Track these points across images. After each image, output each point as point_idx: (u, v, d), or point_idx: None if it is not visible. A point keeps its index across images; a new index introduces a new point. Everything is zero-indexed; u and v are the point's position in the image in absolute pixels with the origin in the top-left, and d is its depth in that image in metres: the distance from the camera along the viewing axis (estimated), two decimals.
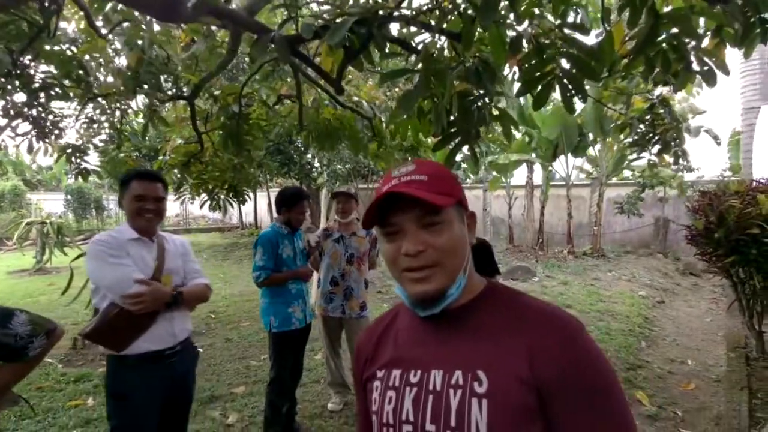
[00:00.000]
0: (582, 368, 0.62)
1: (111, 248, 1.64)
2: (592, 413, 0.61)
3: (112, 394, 1.67)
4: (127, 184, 1.72)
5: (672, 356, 4.30)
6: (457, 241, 0.70)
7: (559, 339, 0.64)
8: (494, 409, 0.62)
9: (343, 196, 2.99)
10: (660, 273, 8.15)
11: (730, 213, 3.02)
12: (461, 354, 0.68)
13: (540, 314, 0.68)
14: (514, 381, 0.62)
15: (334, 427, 2.81)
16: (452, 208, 0.71)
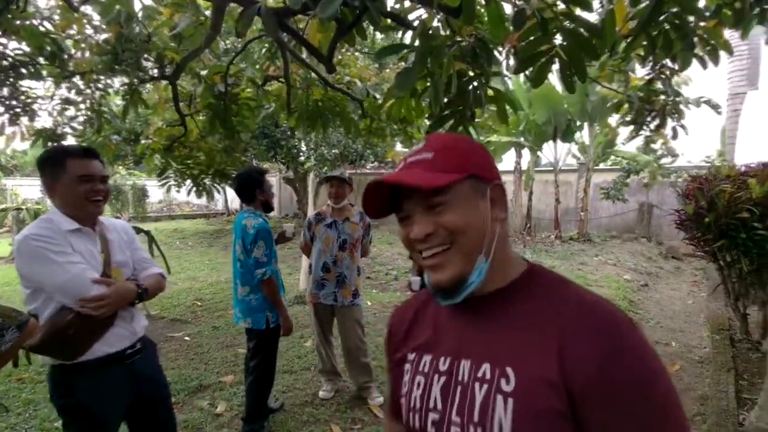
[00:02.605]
0: (623, 376, 0.54)
1: (54, 243, 1.38)
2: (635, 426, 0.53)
3: (64, 408, 1.45)
4: (60, 164, 1.43)
5: (656, 338, 4.38)
6: (469, 218, 0.62)
7: (596, 338, 0.56)
8: (520, 410, 0.57)
9: (336, 181, 2.89)
10: (644, 257, 8.30)
11: (720, 197, 3.04)
12: (491, 346, 0.63)
13: (578, 308, 0.60)
14: (542, 383, 0.56)
15: (325, 415, 2.78)
16: (464, 183, 0.63)
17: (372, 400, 2.89)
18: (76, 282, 1.37)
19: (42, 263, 1.36)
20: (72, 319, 1.36)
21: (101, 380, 1.44)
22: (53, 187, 1.45)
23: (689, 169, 8.67)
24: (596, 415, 0.54)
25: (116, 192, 16.69)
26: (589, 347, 0.55)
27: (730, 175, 3.21)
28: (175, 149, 5.14)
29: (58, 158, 1.45)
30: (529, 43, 1.91)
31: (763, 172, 2.98)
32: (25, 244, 1.37)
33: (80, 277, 1.38)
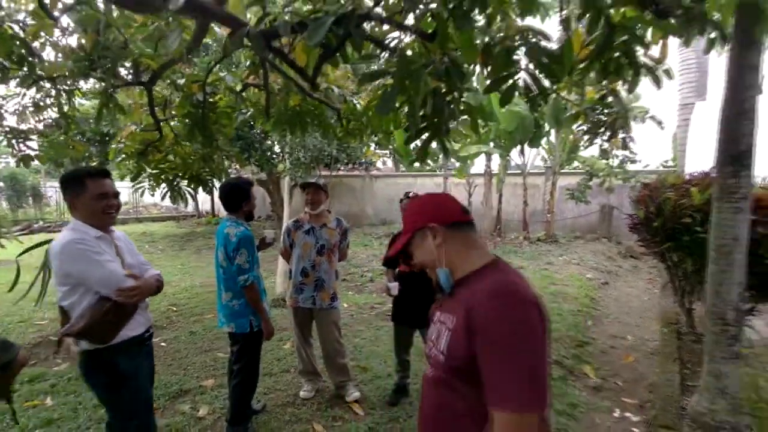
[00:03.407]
0: (493, 323, 0.90)
1: (91, 245, 1.69)
2: (489, 353, 0.90)
3: (109, 384, 1.76)
4: (81, 183, 1.74)
5: (614, 332, 4.73)
6: (422, 254, 1.12)
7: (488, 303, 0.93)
8: (450, 337, 1.00)
9: (312, 188, 3.00)
10: (605, 256, 8.80)
11: (666, 204, 3.36)
12: (452, 306, 1.04)
13: (487, 284, 0.98)
14: (460, 325, 0.97)
15: (307, 414, 2.89)
16: (413, 238, 1.12)
17: (349, 397, 3.02)
18: (114, 275, 1.69)
19: (86, 262, 1.66)
20: (110, 306, 1.66)
21: (135, 357, 1.81)
22: (75, 202, 1.76)
23: (647, 174, 9.25)
24: (479, 343, 0.92)
25: None
26: (481, 307, 0.94)
27: (674, 184, 3.55)
28: (149, 153, 5.09)
29: (79, 178, 1.75)
30: (496, 68, 2.11)
31: (703, 181, 3.33)
32: (70, 247, 1.66)
33: (116, 271, 1.71)
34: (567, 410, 3.01)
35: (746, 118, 2.14)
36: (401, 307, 3.01)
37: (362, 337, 4.34)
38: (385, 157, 16.66)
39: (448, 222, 1.08)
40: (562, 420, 2.89)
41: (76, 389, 3.20)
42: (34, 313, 5.14)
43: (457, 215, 1.10)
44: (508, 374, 0.87)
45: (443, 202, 1.14)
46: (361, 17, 1.87)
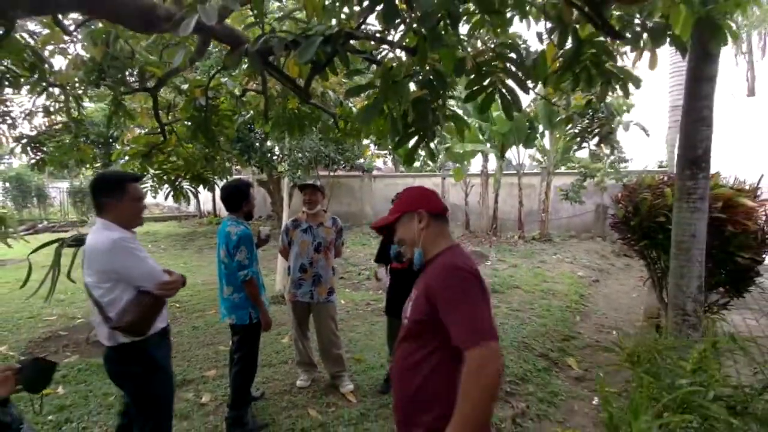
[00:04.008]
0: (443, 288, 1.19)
1: (134, 243, 1.84)
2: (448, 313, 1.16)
3: (142, 376, 1.86)
4: (123, 187, 1.85)
5: (600, 328, 4.92)
6: (405, 233, 1.38)
7: (438, 274, 1.23)
8: (411, 305, 1.31)
9: (309, 188, 3.21)
10: (598, 255, 8.98)
11: (643, 204, 3.55)
12: (418, 283, 1.33)
13: (439, 265, 1.27)
14: (420, 296, 1.26)
15: (302, 401, 3.09)
16: (401, 217, 1.38)
17: (343, 388, 3.22)
18: (155, 271, 1.84)
19: (133, 259, 1.79)
20: (152, 300, 1.80)
21: (163, 347, 1.97)
22: (115, 205, 1.85)
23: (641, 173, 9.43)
24: (440, 307, 1.18)
25: (81, 195, 16.28)
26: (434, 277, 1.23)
27: (651, 185, 3.74)
28: (154, 155, 5.29)
29: (122, 183, 1.87)
30: (471, 82, 2.30)
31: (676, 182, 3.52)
32: (118, 245, 1.77)
33: (157, 267, 1.86)
34: (548, 398, 3.21)
35: (703, 124, 2.33)
36: (394, 301, 3.19)
37: (357, 331, 4.54)
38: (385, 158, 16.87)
39: (433, 212, 1.35)
40: (543, 407, 3.09)
41: (86, 379, 3.41)
42: (42, 310, 5.35)
43: (440, 209, 1.38)
44: (463, 321, 1.13)
45: (432, 196, 1.41)
46: (348, 35, 2.06)
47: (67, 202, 16.37)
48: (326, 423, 2.77)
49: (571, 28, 2.36)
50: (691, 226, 2.34)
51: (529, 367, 3.65)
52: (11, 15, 1.54)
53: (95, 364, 3.62)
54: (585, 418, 3.00)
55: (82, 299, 5.60)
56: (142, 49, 3.70)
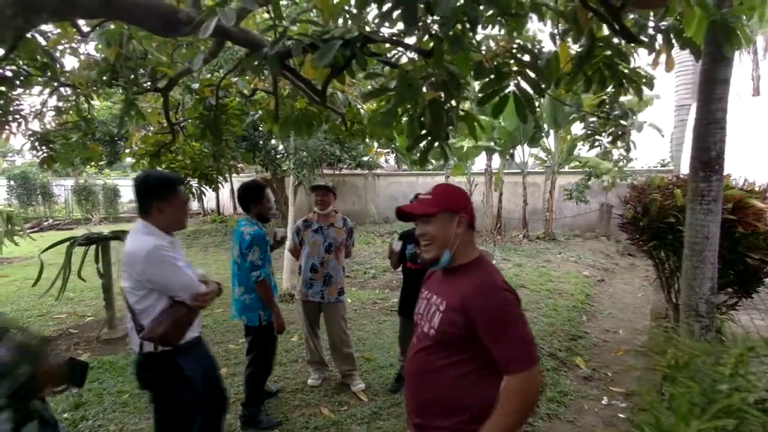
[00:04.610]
0: (488, 309, 1.18)
1: (172, 251, 1.78)
2: (493, 335, 1.17)
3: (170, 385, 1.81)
4: (174, 190, 1.83)
5: (607, 327, 4.94)
6: (439, 232, 1.28)
7: (479, 292, 1.20)
8: (441, 317, 1.25)
9: (321, 190, 3.23)
10: (602, 254, 8.99)
11: (652, 204, 3.57)
12: (444, 291, 1.30)
13: (478, 280, 1.24)
14: (453, 308, 1.23)
15: (315, 399, 3.12)
16: (441, 213, 1.28)
17: (354, 387, 3.24)
18: (192, 282, 1.80)
19: (170, 269, 1.74)
20: (185, 310, 1.76)
21: (195, 357, 1.88)
22: (164, 207, 1.80)
23: (644, 173, 9.43)
24: (479, 325, 1.17)
25: (86, 193, 16.34)
26: (475, 296, 1.20)
27: (660, 186, 3.76)
28: (162, 154, 5.32)
29: (173, 185, 1.85)
30: (486, 84, 2.32)
31: (686, 183, 3.52)
32: (155, 254, 1.71)
33: (192, 278, 1.81)
34: (557, 397, 3.23)
35: (717, 127, 2.34)
36: (407, 302, 3.20)
37: (366, 330, 4.57)
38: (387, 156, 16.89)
39: (471, 220, 1.33)
40: (553, 406, 3.11)
41: (99, 377, 3.45)
42: (52, 308, 5.39)
43: (474, 218, 1.37)
44: (510, 344, 1.15)
45: (471, 204, 1.39)
46: (366, 39, 2.08)
47: (71, 200, 16.43)
48: (339, 421, 2.80)
49: (586, 31, 2.37)
50: (704, 228, 2.35)
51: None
52: (36, 19, 1.55)
53: (108, 362, 3.66)
54: (595, 418, 3.02)
55: (92, 297, 5.65)
56: (153, 49, 3.73)
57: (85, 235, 4.39)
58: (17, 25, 1.50)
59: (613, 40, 2.48)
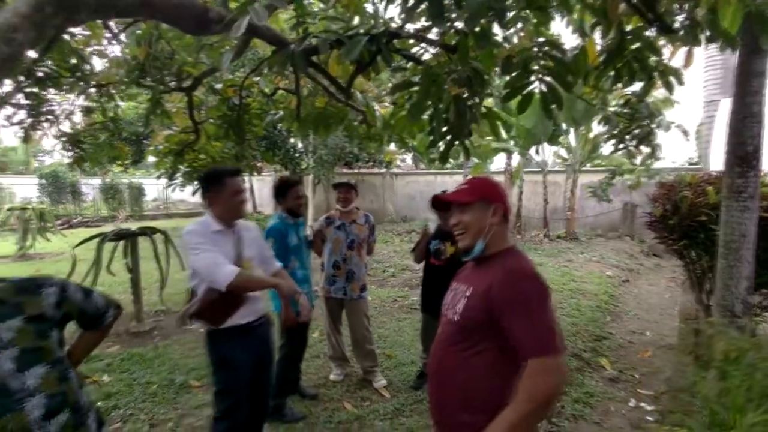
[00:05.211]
0: (514, 294, 1.16)
1: (201, 239, 1.88)
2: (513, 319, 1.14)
3: (216, 361, 2.00)
4: (221, 182, 1.95)
5: (633, 328, 4.83)
6: (474, 220, 1.30)
7: (506, 278, 1.19)
8: (466, 302, 1.26)
9: (344, 187, 3.26)
10: (626, 254, 8.77)
11: (683, 202, 3.46)
12: (473, 279, 1.30)
13: (508, 267, 1.23)
14: (478, 295, 1.23)
15: (337, 394, 3.14)
16: (476, 203, 1.31)
17: (376, 383, 3.26)
18: (215, 271, 1.83)
19: (192, 255, 1.88)
20: (216, 297, 1.85)
21: (234, 341, 1.98)
22: (215, 198, 1.96)
23: (671, 171, 9.16)
24: (501, 309, 1.16)
25: (113, 191, 16.85)
26: (501, 282, 1.19)
27: (691, 183, 3.64)
28: (186, 153, 5.45)
29: (220, 177, 1.97)
30: (513, 78, 2.29)
31: (719, 180, 3.41)
32: (185, 238, 1.91)
33: (217, 267, 1.84)
34: (583, 398, 3.17)
35: (753, 121, 2.26)
36: (429, 298, 3.19)
37: (386, 327, 4.58)
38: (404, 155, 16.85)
39: (506, 212, 1.34)
40: (578, 407, 3.05)
41: (129, 368, 3.55)
42: None
43: (509, 211, 1.38)
44: (536, 329, 1.12)
45: (507, 197, 1.40)
46: (392, 34, 2.08)
47: (99, 198, 16.96)
48: (362, 416, 2.81)
49: (616, 23, 2.32)
50: (741, 226, 2.27)
51: None
52: (75, 18, 1.61)
53: (137, 354, 3.76)
54: (622, 420, 2.96)
55: (120, 291, 5.82)
56: (180, 49, 3.81)
57: (115, 231, 4.52)
58: (56, 24, 1.55)
59: (645, 33, 2.42)
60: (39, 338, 1.23)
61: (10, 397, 1.13)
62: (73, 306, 1.36)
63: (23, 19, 1.53)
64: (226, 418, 2.00)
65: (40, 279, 1.33)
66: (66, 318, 1.36)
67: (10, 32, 1.51)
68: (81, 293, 1.40)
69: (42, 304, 1.27)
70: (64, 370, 1.27)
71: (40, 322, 1.25)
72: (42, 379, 1.19)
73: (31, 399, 1.15)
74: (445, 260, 3.02)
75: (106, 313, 1.48)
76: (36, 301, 1.26)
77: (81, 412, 1.29)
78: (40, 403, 1.17)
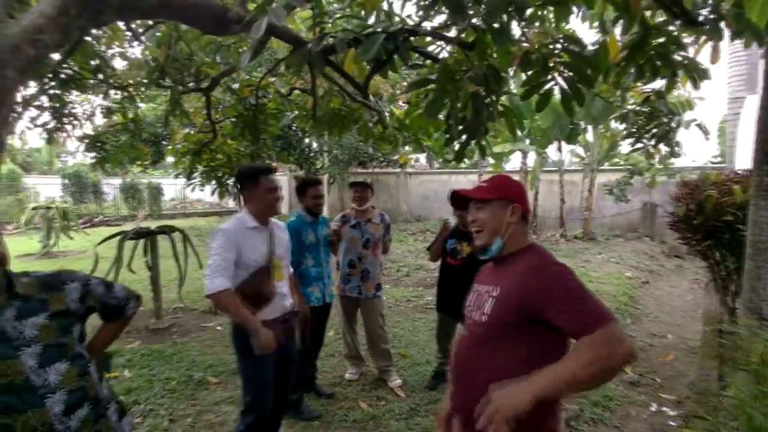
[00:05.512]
0: (551, 285, 1.13)
1: (231, 238, 1.96)
2: (556, 306, 1.11)
3: (242, 353, 2.04)
4: (256, 180, 2.01)
5: (654, 331, 4.71)
6: (492, 218, 1.27)
7: (536, 274, 1.17)
8: (495, 303, 1.22)
9: (360, 186, 3.26)
10: (646, 255, 8.58)
11: (707, 202, 3.36)
12: (497, 279, 1.27)
13: (532, 262, 1.22)
14: (508, 294, 1.20)
15: (353, 393, 3.15)
16: (496, 201, 1.28)
17: (391, 382, 3.25)
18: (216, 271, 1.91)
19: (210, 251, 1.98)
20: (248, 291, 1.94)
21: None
22: (250, 196, 2.04)
23: (692, 170, 8.92)
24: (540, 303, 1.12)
25: (132, 190, 17.22)
26: (531, 280, 1.16)
27: (716, 182, 3.53)
28: (203, 153, 5.52)
29: (254, 175, 2.03)
30: (531, 76, 2.25)
31: (746, 179, 3.30)
32: (216, 234, 1.99)
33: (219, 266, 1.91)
34: (602, 402, 3.10)
35: None
36: (445, 298, 3.17)
37: (401, 327, 4.57)
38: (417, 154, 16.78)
39: (526, 213, 1.32)
40: (598, 410, 2.99)
41: (149, 363, 3.62)
42: None
43: (529, 211, 1.37)
44: (586, 308, 1.08)
45: (527, 197, 1.38)
46: (409, 32, 2.07)
47: (119, 197, 17.35)
48: (377, 416, 2.81)
49: (639, 17, 2.26)
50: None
51: None
52: (99, 20, 1.64)
53: (156, 350, 3.83)
54: (643, 425, 2.89)
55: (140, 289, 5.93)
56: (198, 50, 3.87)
57: (135, 229, 4.61)
58: (81, 26, 1.58)
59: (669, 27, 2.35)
60: (61, 335, 1.24)
61: (33, 393, 1.14)
62: (96, 299, 1.39)
63: (48, 21, 1.57)
64: (253, 410, 2.05)
65: (63, 274, 1.35)
66: (89, 311, 1.38)
67: (36, 34, 1.54)
68: (102, 286, 1.42)
69: (66, 300, 1.29)
70: (85, 365, 1.29)
71: (64, 317, 1.26)
72: (63, 376, 1.20)
73: (53, 395, 1.17)
74: (461, 260, 2.99)
75: (128, 305, 1.50)
76: (60, 297, 1.28)
77: (101, 405, 1.31)
78: (61, 399, 1.18)
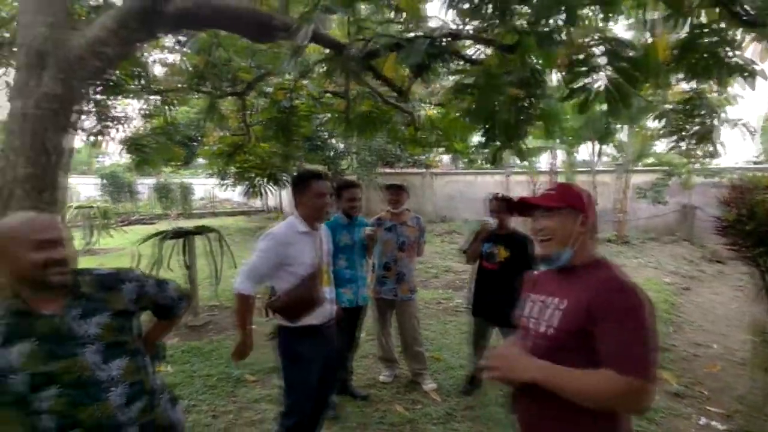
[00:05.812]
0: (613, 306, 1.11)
1: (279, 241, 2.03)
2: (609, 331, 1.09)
3: (288, 356, 2.10)
4: (307, 184, 2.06)
5: (697, 341, 4.51)
6: (561, 227, 1.24)
7: (607, 288, 1.15)
8: (562, 315, 1.18)
9: (395, 189, 3.26)
10: (685, 260, 8.23)
11: (760, 207, 3.19)
12: (564, 290, 1.24)
13: (606, 276, 1.19)
14: (576, 308, 1.16)
15: (388, 396, 3.15)
16: (565, 209, 1.25)
17: (426, 386, 3.23)
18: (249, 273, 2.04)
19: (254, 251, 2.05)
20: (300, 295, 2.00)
21: (307, 339, 2.08)
22: (301, 199, 2.08)
23: (733, 171, 8.50)
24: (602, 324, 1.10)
25: (164, 190, 17.80)
26: (602, 294, 1.13)
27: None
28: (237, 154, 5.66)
29: (306, 180, 2.09)
30: (576, 76, 2.19)
31: None
32: (265, 236, 2.05)
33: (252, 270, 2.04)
34: (647, 414, 2.99)
35: None
36: (481, 302, 3.13)
37: (432, 330, 4.54)
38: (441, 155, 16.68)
39: (594, 223, 1.31)
40: (643, 424, 2.87)
41: (189, 360, 3.73)
42: None
43: (595, 221, 1.33)
44: (636, 349, 1.06)
45: (594, 207, 1.35)
46: (452, 36, 2.06)
47: (153, 197, 17.98)
48: (414, 419, 2.80)
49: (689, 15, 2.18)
50: None
51: None
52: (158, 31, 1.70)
53: (196, 347, 3.95)
54: None
55: None
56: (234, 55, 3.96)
57: (174, 229, 4.77)
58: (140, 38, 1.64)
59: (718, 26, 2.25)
60: (121, 333, 1.31)
61: (97, 387, 1.22)
62: (150, 299, 1.45)
63: (110, 33, 1.64)
64: (294, 413, 2.08)
65: (120, 273, 1.41)
66: (143, 309, 1.45)
67: (100, 46, 1.62)
68: (156, 286, 1.48)
69: (124, 300, 1.35)
70: (142, 359, 1.36)
71: (123, 316, 1.33)
72: (123, 370, 1.27)
73: (115, 389, 1.24)
74: (497, 264, 2.95)
75: (179, 304, 1.56)
76: (118, 297, 1.34)
77: (155, 395, 1.38)
78: (123, 392, 1.26)
